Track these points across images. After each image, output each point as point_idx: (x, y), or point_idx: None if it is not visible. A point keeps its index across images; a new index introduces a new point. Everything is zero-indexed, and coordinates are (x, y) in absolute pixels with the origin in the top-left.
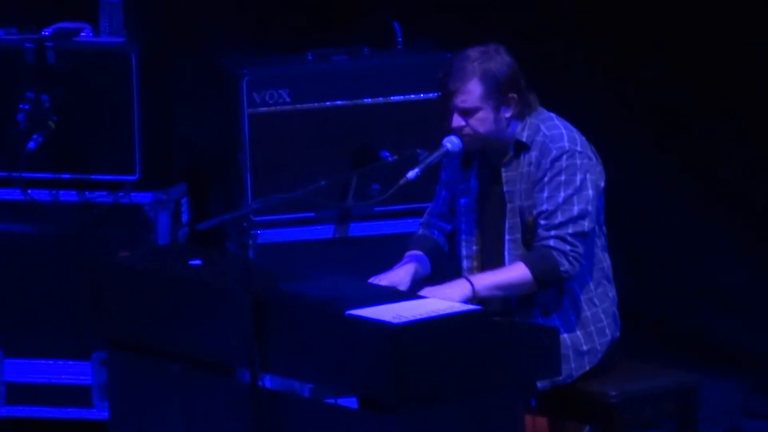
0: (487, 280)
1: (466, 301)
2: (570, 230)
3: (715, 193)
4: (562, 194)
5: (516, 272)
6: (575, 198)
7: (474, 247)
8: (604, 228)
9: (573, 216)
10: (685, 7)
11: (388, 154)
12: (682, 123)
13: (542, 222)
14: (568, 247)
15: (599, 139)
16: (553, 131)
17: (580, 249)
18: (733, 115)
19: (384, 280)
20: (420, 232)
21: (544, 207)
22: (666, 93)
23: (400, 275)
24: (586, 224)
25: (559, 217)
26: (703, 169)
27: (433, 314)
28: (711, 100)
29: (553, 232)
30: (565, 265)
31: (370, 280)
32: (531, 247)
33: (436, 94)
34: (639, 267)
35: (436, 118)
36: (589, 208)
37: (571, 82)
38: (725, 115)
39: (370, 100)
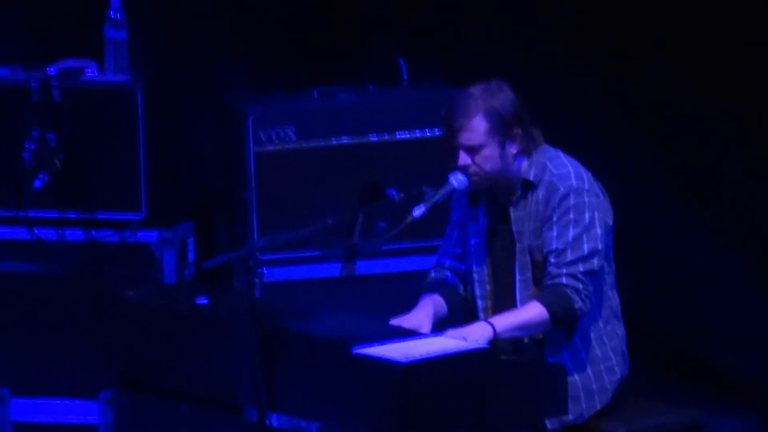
0: (507, 321)
1: (489, 344)
2: (581, 268)
3: (726, 220)
4: (572, 233)
5: (533, 311)
6: (584, 236)
7: (487, 287)
8: (612, 265)
9: (583, 255)
10: (692, 45)
11: (394, 191)
12: (691, 153)
13: (552, 260)
14: (580, 285)
15: (604, 167)
16: (560, 169)
17: (590, 287)
18: (744, 143)
19: (404, 323)
20: (432, 275)
21: (554, 245)
22: (671, 114)
23: (420, 318)
24: (595, 262)
25: (570, 256)
26: (713, 195)
27: (441, 353)
28: (717, 123)
29: (564, 270)
30: (579, 303)
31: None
32: (542, 286)
33: (442, 131)
34: (647, 298)
35: (442, 156)
36: (599, 246)
37: (574, 112)
38: (735, 144)
39: (375, 137)
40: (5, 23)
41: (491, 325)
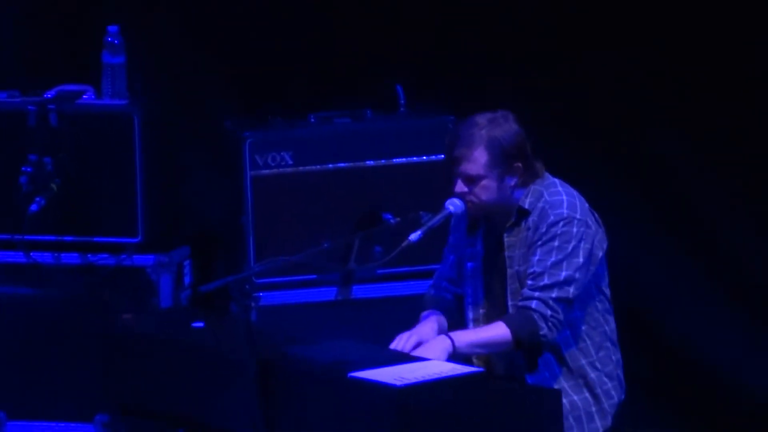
0: (468, 338)
1: (449, 358)
2: (554, 294)
3: (718, 254)
4: (552, 258)
5: (496, 331)
6: (564, 263)
7: (480, 311)
8: (606, 291)
9: (559, 281)
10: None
11: (390, 216)
12: (684, 194)
13: (529, 282)
14: (549, 312)
15: (599, 198)
16: (554, 197)
17: (561, 316)
18: (737, 185)
19: (413, 336)
20: (432, 292)
21: (533, 269)
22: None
23: (426, 331)
24: (571, 290)
25: (546, 280)
26: (703, 234)
27: (436, 376)
28: (711, 168)
29: (537, 294)
30: (544, 329)
31: (397, 337)
32: (514, 307)
33: (438, 156)
34: (642, 323)
35: (439, 181)
36: (577, 275)
37: (570, 143)
38: (730, 185)
39: (372, 162)
40: (2, 49)
41: (450, 339)
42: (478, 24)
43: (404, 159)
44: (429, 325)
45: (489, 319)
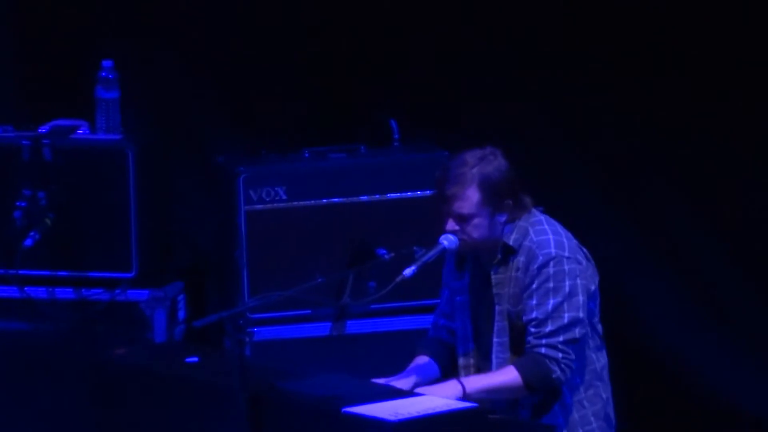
0: (479, 383)
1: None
2: (561, 338)
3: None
4: (552, 302)
5: (507, 376)
6: (565, 305)
7: (470, 345)
8: (598, 327)
9: (563, 324)
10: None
11: (384, 251)
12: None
13: (533, 330)
14: (560, 355)
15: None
16: (540, 237)
17: (572, 356)
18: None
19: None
20: (429, 334)
21: (534, 315)
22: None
23: (402, 384)
24: (577, 331)
25: (550, 326)
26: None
27: (430, 412)
28: (710, 182)
29: (544, 341)
30: (557, 372)
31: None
32: (521, 352)
33: (432, 191)
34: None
35: (433, 216)
36: (580, 315)
37: (562, 179)
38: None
39: (366, 197)
40: None
41: (462, 384)
42: (477, 32)
43: (398, 194)
44: (405, 381)
45: (477, 354)
